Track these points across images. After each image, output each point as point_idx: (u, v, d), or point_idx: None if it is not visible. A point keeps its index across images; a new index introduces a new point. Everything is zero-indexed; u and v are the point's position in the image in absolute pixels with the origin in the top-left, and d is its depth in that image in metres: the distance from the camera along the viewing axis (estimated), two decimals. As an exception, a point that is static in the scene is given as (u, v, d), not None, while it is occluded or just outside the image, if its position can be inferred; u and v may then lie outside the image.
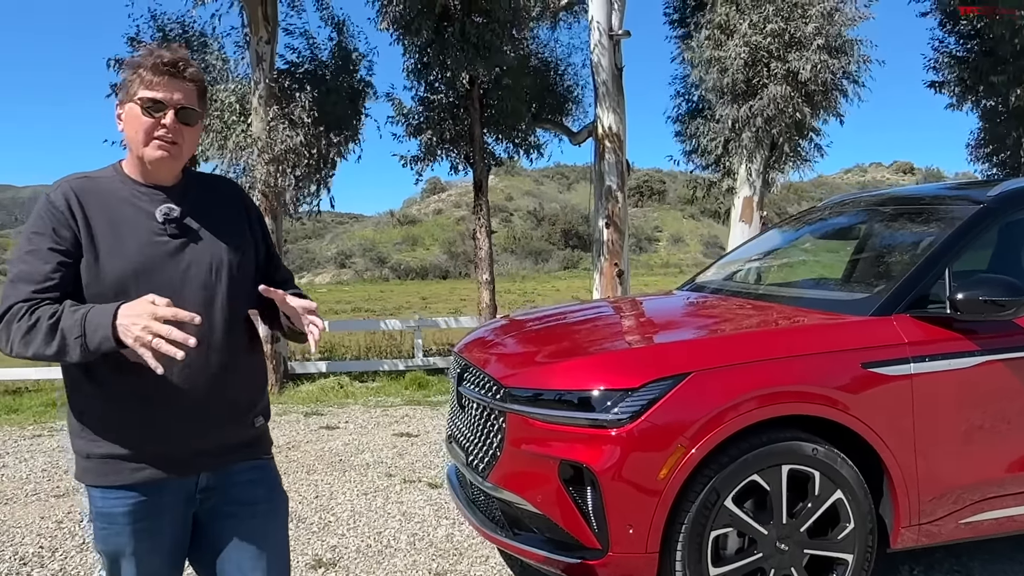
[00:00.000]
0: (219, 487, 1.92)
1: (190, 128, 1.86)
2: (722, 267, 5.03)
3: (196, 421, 1.84)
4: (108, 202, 1.83)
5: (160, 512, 1.86)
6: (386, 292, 35.54)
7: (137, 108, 1.81)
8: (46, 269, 1.73)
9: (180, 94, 1.82)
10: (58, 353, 1.66)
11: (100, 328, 1.62)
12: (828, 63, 9.77)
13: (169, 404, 1.80)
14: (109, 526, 1.84)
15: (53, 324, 1.67)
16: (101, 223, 1.80)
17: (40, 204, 1.80)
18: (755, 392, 2.89)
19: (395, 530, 4.19)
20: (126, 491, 1.82)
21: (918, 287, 3.21)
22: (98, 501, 1.84)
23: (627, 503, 2.82)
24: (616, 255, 10.79)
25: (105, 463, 1.81)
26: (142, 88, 1.80)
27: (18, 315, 1.69)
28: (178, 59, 1.83)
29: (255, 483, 1.98)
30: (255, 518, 1.96)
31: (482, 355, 3.62)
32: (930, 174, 78.99)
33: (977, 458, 3.14)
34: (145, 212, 1.84)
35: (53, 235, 1.76)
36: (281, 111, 9.80)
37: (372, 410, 7.73)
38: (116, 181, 1.87)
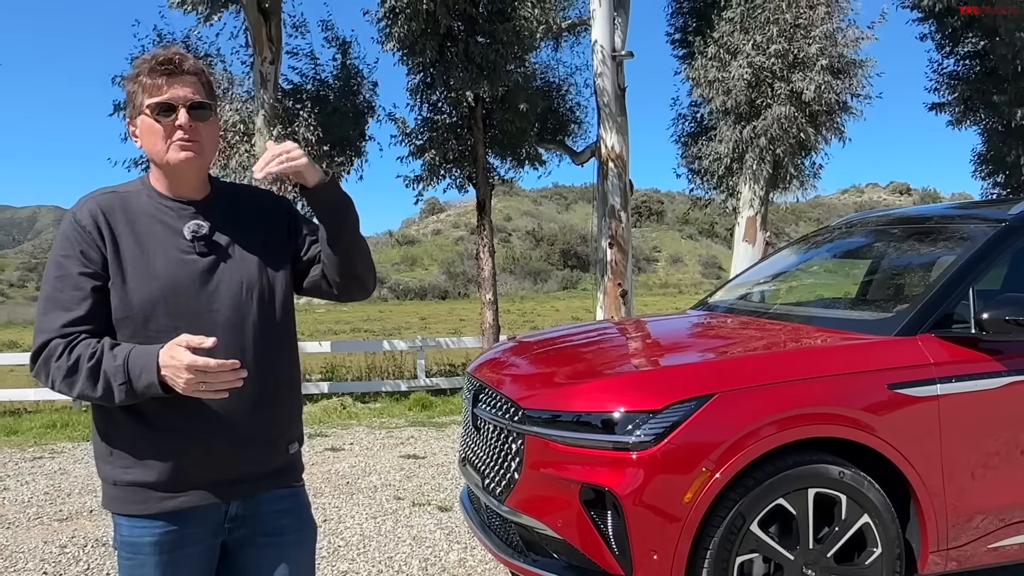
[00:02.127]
0: (249, 516, 1.85)
1: (205, 124, 1.78)
2: (734, 287, 4.99)
3: (230, 448, 1.76)
4: (135, 218, 1.76)
5: (187, 543, 1.78)
6: (385, 312, 35.49)
7: (148, 118, 1.74)
8: (77, 296, 1.68)
9: (186, 89, 1.75)
10: (104, 396, 1.63)
11: (144, 374, 1.60)
12: (832, 84, 9.79)
13: (204, 431, 1.73)
14: (134, 556, 1.76)
15: (94, 367, 1.62)
16: (128, 242, 1.74)
17: (66, 224, 1.74)
18: (780, 414, 2.83)
19: (406, 555, 4.11)
20: (153, 520, 1.75)
21: (943, 306, 3.16)
22: (124, 530, 1.77)
23: (651, 528, 2.75)
24: (620, 275, 10.76)
25: (133, 491, 1.74)
26: (146, 96, 1.74)
27: (55, 353, 1.65)
28: (173, 55, 1.75)
29: (285, 512, 1.90)
30: (284, 547, 1.89)
31: (497, 376, 3.56)
32: (926, 194, 79.38)
33: (1005, 480, 3.09)
34: (173, 229, 1.77)
35: (81, 258, 1.70)
36: (285, 131, 9.80)
37: (376, 431, 7.65)
38: (143, 195, 1.80)
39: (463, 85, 10.17)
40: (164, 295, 1.71)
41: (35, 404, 10.26)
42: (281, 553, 1.88)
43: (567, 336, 4.23)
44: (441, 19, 9.92)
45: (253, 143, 10.04)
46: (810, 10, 9.88)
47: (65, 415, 8.95)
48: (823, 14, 9.85)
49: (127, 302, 1.71)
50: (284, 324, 1.87)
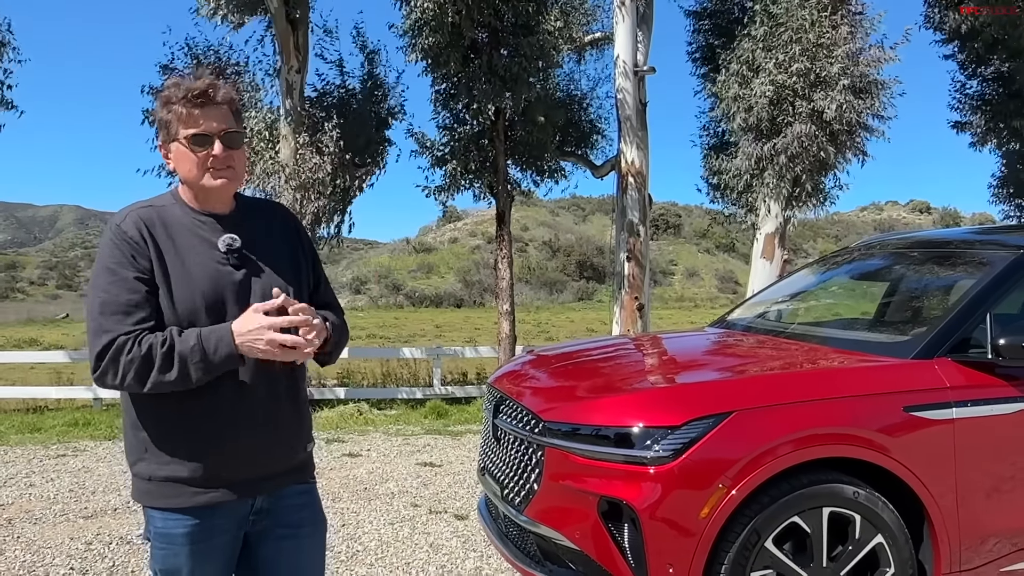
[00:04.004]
0: (271, 510, 1.98)
1: (237, 151, 1.92)
2: (754, 305, 5.04)
3: (259, 448, 1.89)
4: (173, 231, 1.88)
5: (216, 534, 1.90)
6: (400, 319, 35.59)
7: (184, 147, 1.86)
8: (136, 298, 1.78)
9: (219, 122, 1.87)
10: (179, 379, 1.73)
11: (221, 347, 1.73)
12: (853, 103, 9.82)
13: (236, 430, 1.85)
14: (168, 547, 1.87)
15: (167, 353, 1.73)
16: (170, 252, 1.85)
17: (112, 234, 1.84)
18: (797, 433, 2.89)
19: (423, 561, 4.18)
20: (185, 514, 1.85)
21: (960, 331, 3.21)
22: (158, 522, 1.87)
23: (667, 541, 2.81)
24: (637, 289, 10.80)
25: (168, 486, 1.84)
26: (182, 127, 1.85)
27: (125, 348, 1.74)
28: (208, 86, 1.87)
29: (302, 507, 2.05)
30: (300, 539, 2.04)
31: (518, 388, 3.63)
32: (947, 214, 78.66)
33: (1019, 505, 3.12)
34: (208, 242, 1.89)
35: (134, 263, 1.80)
36: (310, 139, 9.94)
37: (393, 438, 7.73)
38: (176, 209, 1.92)
39: (486, 97, 10.28)
40: (205, 302, 1.83)
41: (56, 402, 10.42)
42: (298, 544, 2.02)
43: (587, 350, 4.29)
44: (466, 32, 10.05)
45: (278, 150, 10.18)
46: (833, 30, 9.91)
47: (87, 414, 9.10)
48: (846, 34, 9.88)
49: (171, 308, 1.81)
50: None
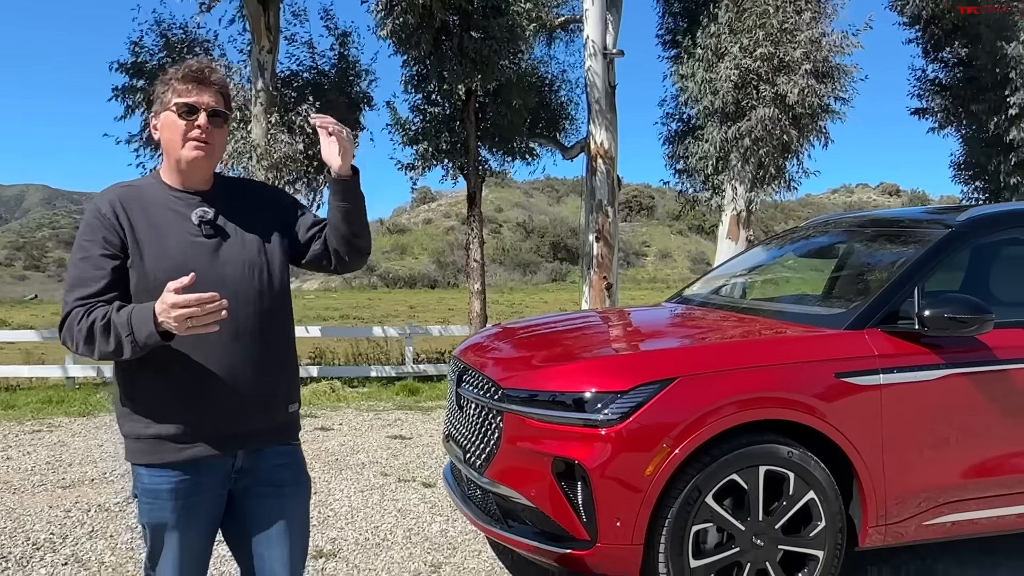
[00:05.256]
0: (253, 468, 2.12)
1: (219, 130, 2.09)
2: (708, 282, 5.27)
3: (239, 406, 2.05)
4: (149, 207, 2.04)
5: (200, 490, 2.06)
6: (374, 300, 35.66)
7: (172, 115, 2.03)
8: (99, 274, 1.96)
9: (209, 98, 2.05)
10: (116, 350, 1.88)
11: (143, 325, 1.84)
12: (815, 88, 10.07)
13: (215, 390, 2.01)
14: (154, 501, 2.03)
15: (105, 325, 1.89)
16: (144, 227, 2.01)
17: (89, 213, 2.03)
18: (736, 397, 3.11)
19: (392, 525, 4.39)
20: (171, 470, 2.01)
21: (889, 304, 3.45)
22: (145, 479, 2.04)
23: (615, 498, 3.03)
24: (606, 269, 11.04)
25: (153, 443, 2.01)
26: (175, 96, 2.03)
27: (76, 319, 1.92)
28: (204, 67, 2.07)
29: (285, 466, 2.18)
30: (283, 498, 2.16)
31: (480, 359, 3.83)
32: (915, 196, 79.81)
33: (940, 464, 3.38)
34: (182, 215, 2.06)
35: (103, 242, 1.98)
36: (281, 119, 10.01)
37: (365, 414, 7.91)
38: (155, 187, 2.09)
39: (456, 78, 10.41)
40: (178, 272, 1.98)
41: (29, 381, 10.47)
42: (281, 503, 2.15)
43: (547, 323, 4.50)
44: (436, 13, 10.16)
45: (250, 130, 10.25)
46: (796, 15, 10.15)
47: (60, 392, 9.17)
48: (808, 19, 10.12)
49: (146, 278, 1.98)
50: (281, 296, 2.16)
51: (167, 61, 10.17)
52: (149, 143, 10.42)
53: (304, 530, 2.24)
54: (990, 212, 3.97)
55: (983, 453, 3.43)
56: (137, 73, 10.28)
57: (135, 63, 10.24)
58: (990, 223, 3.90)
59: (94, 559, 3.86)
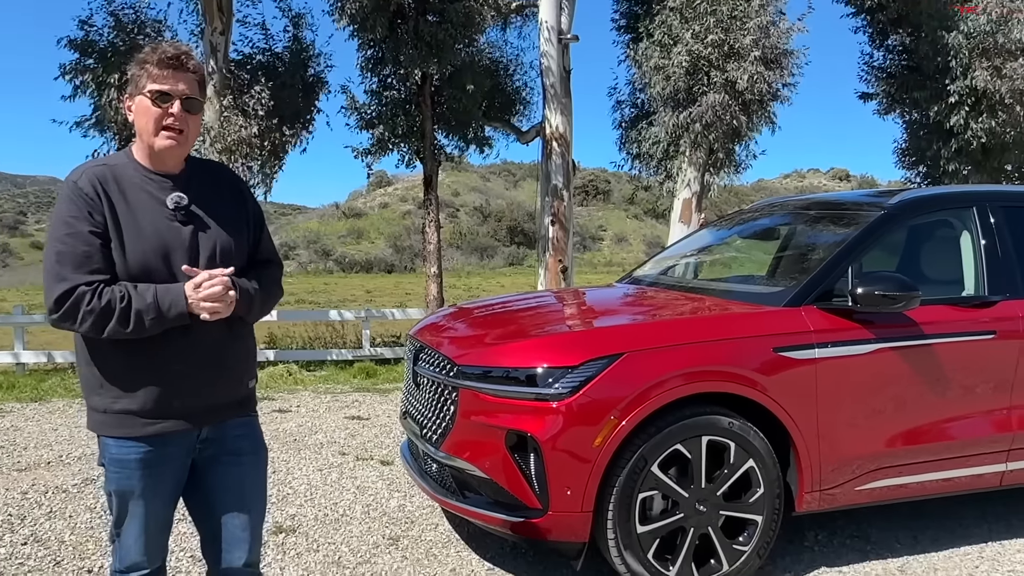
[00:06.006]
0: (216, 439, 2.23)
1: (193, 116, 2.14)
2: (658, 262, 5.44)
3: (204, 383, 2.14)
4: (125, 188, 2.09)
5: (166, 460, 2.15)
6: (330, 285, 35.39)
7: (147, 100, 2.07)
8: (90, 251, 1.99)
9: (184, 85, 2.10)
10: (134, 330, 1.98)
11: (174, 307, 1.99)
12: (764, 74, 10.30)
13: (184, 368, 2.10)
14: (122, 471, 2.11)
15: (126, 307, 1.96)
16: (122, 208, 2.06)
17: (68, 190, 2.05)
18: (680, 371, 3.27)
19: (350, 501, 4.49)
20: (138, 442, 2.10)
21: (825, 282, 3.64)
22: (112, 449, 2.11)
23: (565, 468, 3.17)
24: (561, 252, 11.19)
25: (121, 417, 2.08)
26: (150, 82, 2.07)
27: (85, 299, 1.96)
28: (180, 53, 2.11)
29: (244, 436, 2.30)
30: (243, 466, 2.28)
31: (436, 338, 3.94)
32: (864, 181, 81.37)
33: (871, 432, 3.59)
34: (157, 199, 2.11)
35: (90, 218, 2.01)
36: (235, 102, 9.93)
37: (322, 396, 7.97)
38: (129, 168, 2.13)
39: (412, 63, 10.42)
40: (154, 256, 2.06)
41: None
42: (241, 471, 2.28)
43: (501, 303, 4.63)
44: (392, -4, 10.13)
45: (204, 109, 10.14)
46: (745, 2, 10.34)
47: (11, 378, 9.04)
48: (757, 6, 10.33)
49: (122, 261, 2.04)
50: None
51: (118, 41, 9.98)
52: (99, 125, 10.23)
53: (263, 495, 2.37)
54: (920, 195, 4.20)
55: (910, 422, 3.65)
56: (87, 51, 10.07)
57: (85, 40, 10.01)
58: (920, 206, 4.12)
59: (54, 538, 3.90)
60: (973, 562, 3.77)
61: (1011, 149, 12.54)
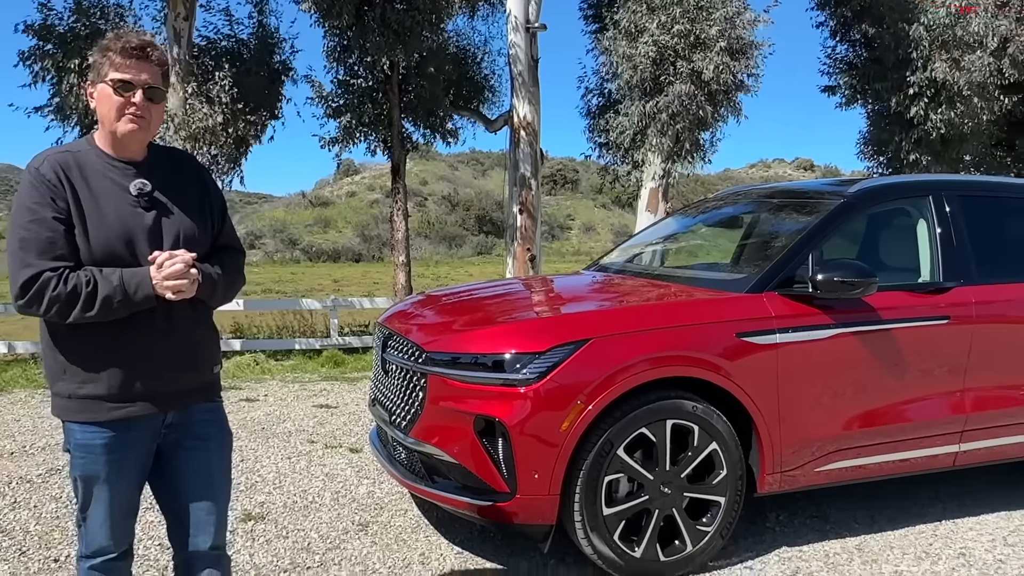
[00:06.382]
0: (181, 424, 2.24)
1: (156, 105, 2.14)
2: (624, 250, 5.50)
3: (169, 368, 2.15)
4: (88, 175, 2.09)
5: (131, 445, 2.16)
6: (297, 274, 35.11)
7: (109, 88, 2.07)
8: (54, 236, 2.00)
9: (147, 75, 2.10)
10: (100, 313, 1.98)
11: (141, 289, 2.00)
12: (729, 65, 10.41)
13: (149, 354, 2.11)
14: (87, 456, 2.12)
15: (92, 292, 1.97)
16: (85, 195, 2.06)
17: (31, 177, 2.04)
18: (644, 356, 3.33)
19: (319, 489, 4.50)
20: (103, 427, 2.10)
21: (786, 269, 3.72)
22: (77, 435, 2.12)
23: (533, 452, 3.22)
24: (529, 240, 11.24)
25: (86, 403, 2.09)
26: (112, 70, 2.07)
27: (50, 286, 1.96)
28: (145, 44, 2.11)
29: (210, 422, 2.32)
30: (209, 451, 2.31)
31: (404, 325, 3.96)
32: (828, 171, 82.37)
33: (830, 415, 3.68)
34: (120, 185, 2.11)
35: (53, 204, 2.01)
36: (199, 89, 9.81)
37: (290, 385, 7.94)
38: (92, 155, 2.13)
39: (379, 50, 10.36)
40: (118, 243, 2.06)
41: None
42: (206, 455, 2.30)
43: (469, 291, 4.66)
44: (358, -17, 10.06)
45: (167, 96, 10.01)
46: (712, -7, 10.44)
47: (-31, 368, 8.88)
48: (723, -3, 10.43)
49: (86, 247, 2.04)
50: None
51: (78, 26, 9.80)
52: (59, 112, 10.04)
53: (228, 480, 2.40)
54: (878, 184, 4.30)
55: (868, 405, 3.76)
56: (46, 36, 9.87)
57: (44, 25, 9.82)
58: (878, 194, 4.23)
59: (18, 528, 3.86)
60: (927, 540, 3.89)
61: (969, 140, 12.82)
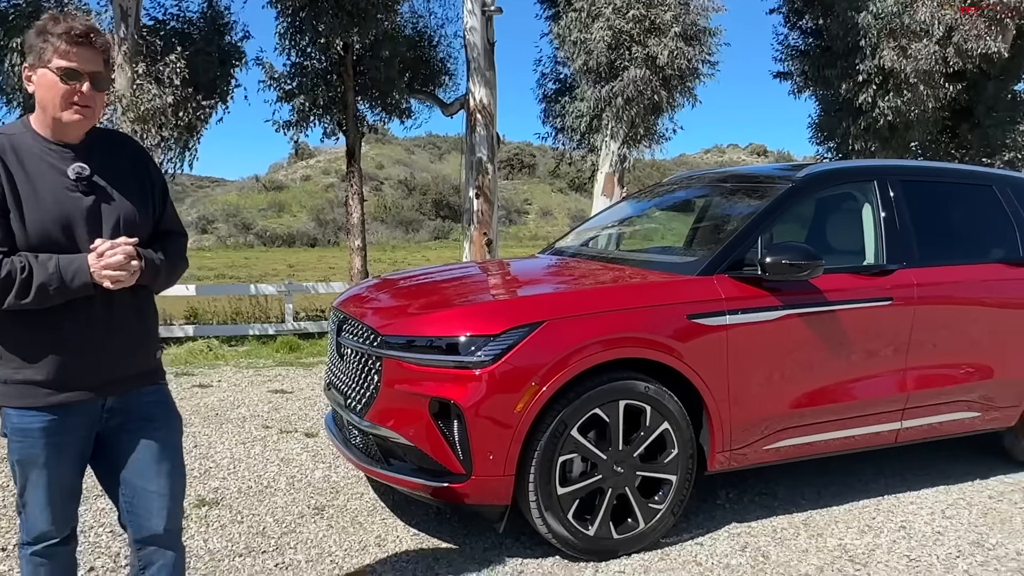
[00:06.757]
0: (124, 408, 2.21)
1: (100, 93, 2.10)
2: (579, 234, 5.54)
3: (109, 355, 2.13)
4: (24, 158, 2.05)
5: (69, 429, 2.13)
6: (251, 259, 34.67)
7: (53, 76, 2.02)
8: None
9: (93, 63, 2.06)
10: (35, 300, 1.95)
11: (78, 276, 1.97)
12: (683, 50, 10.51)
13: (88, 340, 2.08)
14: (24, 440, 2.09)
15: (27, 278, 1.94)
16: (22, 179, 2.02)
17: None
18: (598, 338, 3.37)
19: (274, 473, 4.48)
20: (40, 411, 2.08)
21: (735, 252, 3.79)
22: (14, 419, 2.09)
23: (488, 433, 3.25)
24: (486, 225, 11.25)
25: (23, 388, 2.06)
26: (57, 57, 2.01)
27: None
28: (89, 29, 2.06)
29: (155, 404, 2.28)
30: (156, 432, 2.26)
31: (360, 309, 3.96)
32: (781, 156, 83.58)
33: (778, 394, 3.78)
34: (57, 169, 2.07)
35: None
36: (148, 69, 9.60)
37: (244, 370, 7.87)
38: (28, 138, 2.09)
39: (333, 32, 10.25)
40: (55, 227, 2.03)
41: None
42: (151, 436, 2.25)
43: (425, 274, 4.66)
44: (311, -37, 9.93)
45: (114, 78, 9.77)
46: (666, -22, 10.51)
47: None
48: (678, -18, 10.51)
49: (22, 232, 2.01)
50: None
51: (22, 2, 9.50)
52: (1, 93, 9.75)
53: (180, 463, 2.33)
54: (825, 169, 4.39)
55: (814, 384, 3.86)
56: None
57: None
58: (825, 179, 4.33)
59: (-36, 518, 3.79)
60: (871, 514, 4.02)
61: (915, 127, 13.13)
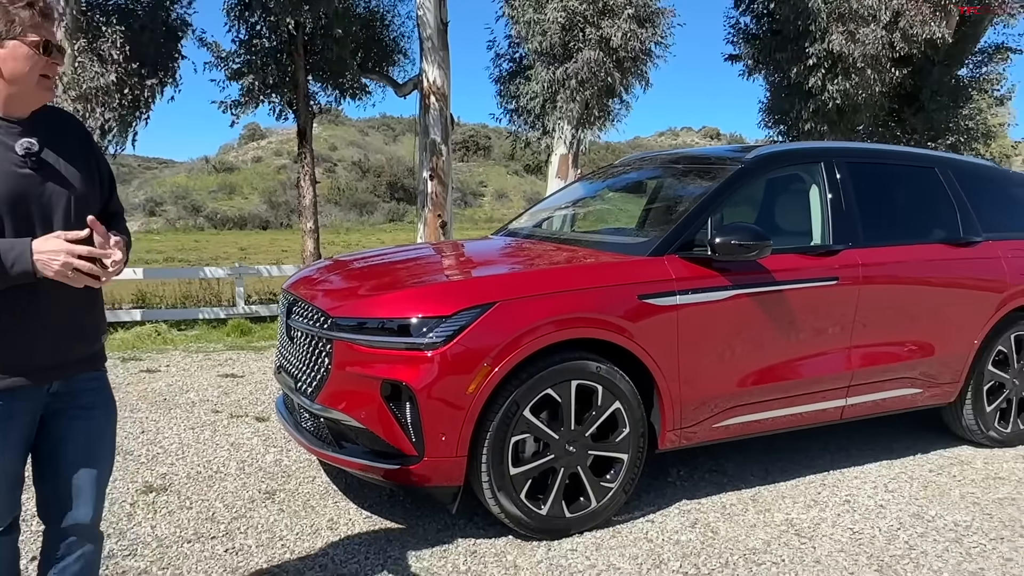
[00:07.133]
0: (66, 393, 2.16)
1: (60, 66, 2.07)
2: (533, 215, 5.54)
3: (55, 338, 2.07)
4: None
5: (16, 414, 2.07)
6: (201, 242, 34.05)
7: (27, 48, 1.96)
8: None
9: (57, 35, 2.03)
10: None
11: (19, 263, 1.88)
12: (637, 32, 10.53)
13: (35, 325, 2.02)
14: None
15: None
16: None
17: None
18: (550, 319, 3.38)
19: (224, 458, 4.42)
20: None
21: (686, 232, 3.82)
22: None
23: (440, 415, 3.24)
24: (440, 207, 11.18)
25: None
26: (31, 31, 1.96)
27: None
28: (51, 5, 2.03)
29: (95, 391, 2.25)
30: (94, 420, 2.23)
31: (310, 291, 3.90)
32: (733, 139, 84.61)
33: (727, 373, 3.83)
34: (5, 145, 2.00)
35: None
36: (89, 46, 9.32)
37: (194, 355, 7.73)
38: None
39: (283, 10, 10.05)
40: (5, 204, 1.95)
41: None
42: (90, 425, 2.23)
43: (377, 256, 4.62)
44: (260, -61, 9.71)
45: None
46: (620, -41, 10.50)
47: None
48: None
49: None
50: None
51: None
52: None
53: (111, 452, 2.34)
54: (774, 151, 4.44)
55: (762, 362, 3.92)
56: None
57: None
58: (774, 160, 4.38)
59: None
60: (816, 489, 4.12)
61: (862, 110, 13.36)
